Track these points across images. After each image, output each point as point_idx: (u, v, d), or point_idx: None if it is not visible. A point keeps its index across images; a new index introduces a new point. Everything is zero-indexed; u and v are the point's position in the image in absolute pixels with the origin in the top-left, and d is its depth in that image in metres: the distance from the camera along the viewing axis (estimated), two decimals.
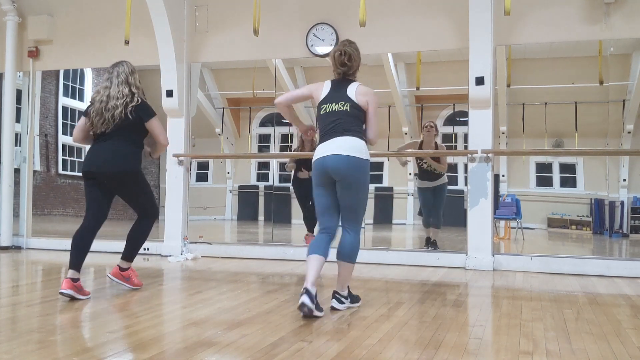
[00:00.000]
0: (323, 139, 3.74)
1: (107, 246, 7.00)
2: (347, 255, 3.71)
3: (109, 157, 4.13)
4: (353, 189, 3.66)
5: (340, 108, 3.72)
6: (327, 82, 3.88)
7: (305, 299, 3.37)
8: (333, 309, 3.66)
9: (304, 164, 7.24)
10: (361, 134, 3.74)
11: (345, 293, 3.76)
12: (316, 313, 3.43)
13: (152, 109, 4.29)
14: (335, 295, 3.72)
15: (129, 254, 4.40)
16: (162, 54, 6.53)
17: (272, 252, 6.47)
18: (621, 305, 4.03)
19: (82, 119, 4.31)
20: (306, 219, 7.41)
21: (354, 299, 3.87)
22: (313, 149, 7.04)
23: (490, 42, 5.64)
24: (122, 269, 4.38)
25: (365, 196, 3.76)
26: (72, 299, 3.88)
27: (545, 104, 9.18)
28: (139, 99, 4.23)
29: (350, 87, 3.78)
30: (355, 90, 3.76)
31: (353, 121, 3.71)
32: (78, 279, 3.97)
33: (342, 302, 3.72)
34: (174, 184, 6.70)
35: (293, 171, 7.47)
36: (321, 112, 3.80)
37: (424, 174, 6.90)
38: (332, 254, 3.67)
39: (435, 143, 6.71)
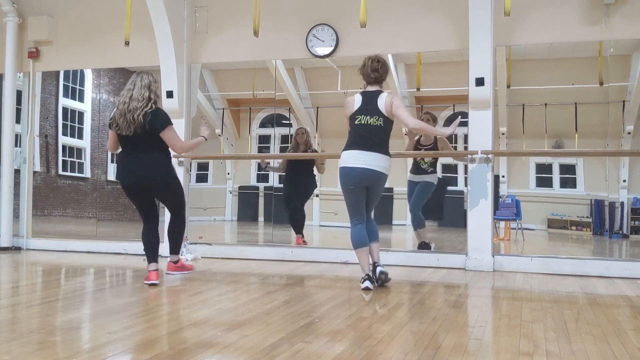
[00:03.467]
0: (358, 147, 4.39)
1: (108, 247, 7.00)
2: (377, 235, 4.66)
3: (147, 169, 4.53)
4: (379, 193, 4.59)
5: (375, 122, 4.38)
6: (357, 96, 4.46)
7: (368, 284, 4.37)
8: (382, 273, 4.48)
9: (298, 164, 7.22)
10: (388, 149, 4.48)
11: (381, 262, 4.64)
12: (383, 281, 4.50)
13: (166, 117, 4.52)
14: (378, 266, 4.55)
15: (175, 248, 4.96)
16: (162, 54, 6.53)
17: (272, 252, 6.47)
18: (621, 306, 4.03)
19: (110, 131, 4.62)
20: (292, 218, 7.30)
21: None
22: (307, 150, 7.09)
23: (490, 42, 5.64)
24: (175, 262, 5.00)
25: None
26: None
27: (545, 104, 9.18)
28: (154, 105, 4.46)
29: (380, 100, 4.38)
30: (385, 102, 4.37)
31: (385, 137, 4.45)
32: (157, 269, 4.61)
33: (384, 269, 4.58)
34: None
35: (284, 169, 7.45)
36: (356, 122, 4.43)
37: (414, 166, 6.72)
38: (338, 255, 3.70)
39: (435, 137, 6.61)
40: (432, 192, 6.71)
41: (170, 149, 4.68)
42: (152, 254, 4.66)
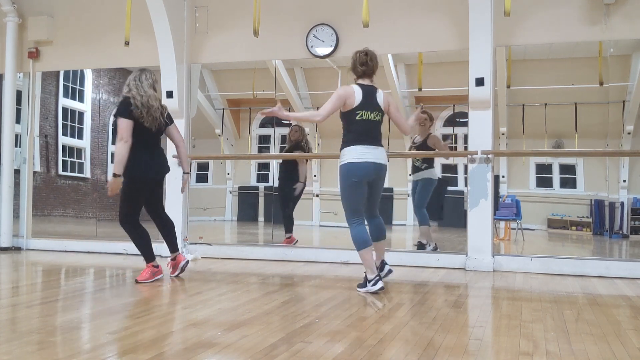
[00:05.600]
0: (364, 142, 4.37)
1: (108, 247, 7.00)
2: (385, 234, 4.72)
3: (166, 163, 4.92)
4: (382, 188, 4.62)
5: (375, 117, 4.44)
6: (356, 89, 4.38)
7: (382, 284, 4.35)
8: (390, 271, 4.73)
9: (282, 163, 7.29)
10: None
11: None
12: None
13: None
14: (384, 263, 4.73)
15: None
16: (162, 55, 6.53)
17: (272, 253, 6.47)
18: (621, 306, 4.03)
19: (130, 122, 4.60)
20: (289, 218, 7.32)
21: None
22: (293, 149, 7.12)
23: (490, 43, 5.64)
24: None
25: None
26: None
27: (545, 104, 9.18)
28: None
29: (378, 96, 4.44)
30: (383, 99, 4.46)
31: (381, 131, 4.52)
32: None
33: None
34: (173, 185, 6.68)
35: (280, 169, 7.49)
36: (357, 118, 4.38)
37: (412, 167, 6.82)
38: (338, 255, 3.71)
39: (429, 134, 6.59)
40: (433, 187, 6.70)
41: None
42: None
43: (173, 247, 5.05)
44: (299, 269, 5.75)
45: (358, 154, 4.34)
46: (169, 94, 6.57)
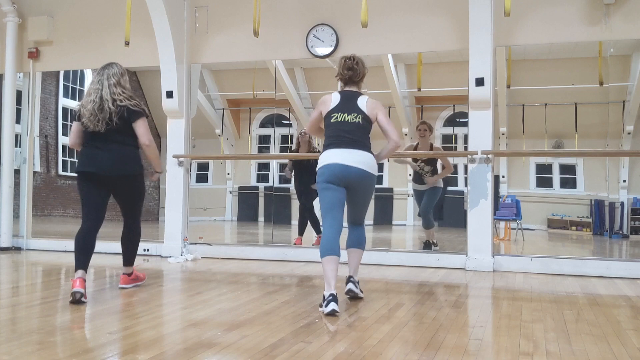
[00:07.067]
0: (337, 145, 3.91)
1: (108, 247, 7.00)
2: (360, 242, 4.14)
3: (117, 160, 4.26)
4: (365, 196, 4.06)
5: (353, 119, 3.94)
6: (334, 94, 4.09)
7: (334, 306, 3.52)
8: (350, 291, 3.96)
9: (302, 167, 7.19)
10: (370, 148, 3.98)
11: (357, 278, 4.09)
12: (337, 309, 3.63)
13: (142, 110, 4.24)
14: (351, 279, 4.01)
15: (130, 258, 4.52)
16: (162, 54, 6.53)
17: (272, 253, 6.47)
18: (621, 306, 4.03)
19: (75, 123, 4.36)
20: (309, 218, 7.31)
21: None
22: (310, 151, 7.08)
23: (490, 42, 5.64)
24: (129, 274, 4.50)
25: (370, 200, 4.21)
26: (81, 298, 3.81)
27: (545, 105, 9.19)
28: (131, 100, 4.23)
29: (360, 100, 4.00)
30: (366, 103, 3.98)
31: (365, 135, 3.96)
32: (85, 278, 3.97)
33: (357, 287, 4.04)
34: (173, 185, 6.70)
35: (292, 174, 7.37)
36: (332, 120, 3.99)
37: (415, 175, 6.89)
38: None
39: (431, 145, 6.66)
40: (440, 194, 6.92)
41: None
42: (84, 259, 4.10)
43: (129, 260, 4.48)
44: (299, 269, 5.75)
45: (328, 158, 3.89)
46: (169, 94, 6.57)
